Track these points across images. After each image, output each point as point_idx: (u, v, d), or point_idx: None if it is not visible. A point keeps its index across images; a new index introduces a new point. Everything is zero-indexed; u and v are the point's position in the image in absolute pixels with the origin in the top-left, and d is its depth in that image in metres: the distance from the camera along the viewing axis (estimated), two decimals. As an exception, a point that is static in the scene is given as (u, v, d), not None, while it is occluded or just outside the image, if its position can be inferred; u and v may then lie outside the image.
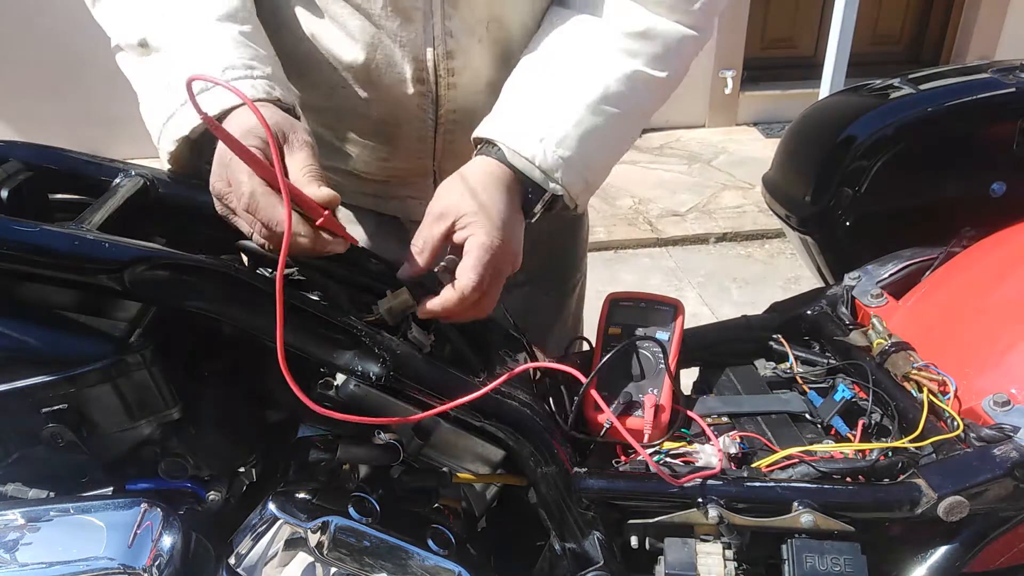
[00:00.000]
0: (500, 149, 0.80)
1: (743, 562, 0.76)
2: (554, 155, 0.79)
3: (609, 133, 0.84)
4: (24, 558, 0.61)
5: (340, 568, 0.68)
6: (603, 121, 0.82)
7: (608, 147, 0.86)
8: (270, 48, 0.80)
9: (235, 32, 0.75)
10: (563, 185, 0.81)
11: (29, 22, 3.97)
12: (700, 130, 4.86)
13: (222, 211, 0.70)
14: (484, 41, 0.89)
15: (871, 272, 1.06)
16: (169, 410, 0.66)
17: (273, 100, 0.73)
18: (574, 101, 0.81)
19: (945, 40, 5.00)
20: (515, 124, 0.81)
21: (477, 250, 0.72)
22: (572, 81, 0.83)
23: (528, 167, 0.80)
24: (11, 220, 0.60)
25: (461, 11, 0.86)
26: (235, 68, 0.72)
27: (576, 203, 0.85)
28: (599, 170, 0.87)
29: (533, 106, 0.82)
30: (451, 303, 0.72)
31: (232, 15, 0.76)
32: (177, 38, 0.75)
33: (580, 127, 0.81)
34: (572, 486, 0.75)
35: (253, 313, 0.65)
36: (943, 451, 0.78)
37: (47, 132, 4.01)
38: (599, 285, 3.20)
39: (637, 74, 0.84)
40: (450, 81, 0.90)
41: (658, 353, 0.88)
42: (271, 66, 0.76)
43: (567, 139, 0.80)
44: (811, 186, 1.19)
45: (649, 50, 0.84)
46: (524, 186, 0.81)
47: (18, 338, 0.61)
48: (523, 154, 0.79)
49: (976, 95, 1.13)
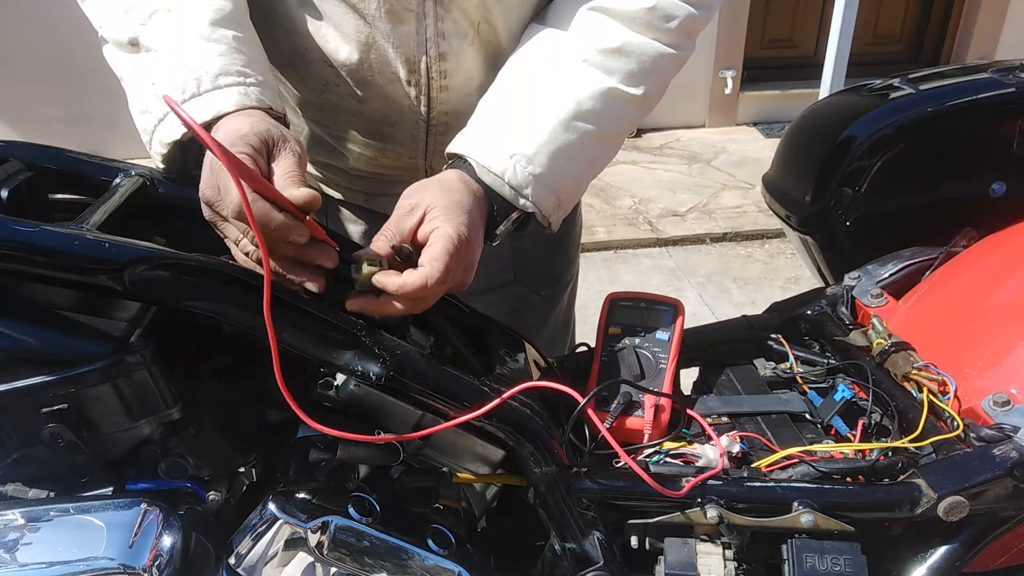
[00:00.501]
0: (471, 165, 0.80)
1: (743, 562, 0.76)
2: (524, 171, 0.79)
3: (582, 150, 0.83)
4: (24, 558, 0.61)
5: (340, 568, 0.68)
6: (576, 138, 0.81)
7: (581, 164, 0.85)
8: (262, 53, 0.79)
9: (229, 37, 0.74)
10: (533, 202, 0.81)
11: (29, 22, 3.97)
12: (700, 130, 4.86)
13: (210, 217, 0.69)
14: (475, 44, 0.89)
15: (871, 272, 1.06)
16: (169, 410, 0.66)
17: (265, 108, 0.72)
18: (546, 118, 0.81)
19: (945, 40, 5.00)
20: (486, 140, 0.81)
21: (444, 240, 0.71)
22: (545, 97, 0.82)
23: (498, 183, 0.79)
24: (11, 220, 0.60)
25: (453, 13, 0.86)
26: (228, 75, 0.72)
27: (549, 221, 0.85)
28: (572, 188, 0.86)
29: (504, 122, 0.81)
30: (411, 287, 0.68)
31: (226, 19, 0.75)
32: (169, 41, 0.73)
33: (552, 144, 0.80)
34: (572, 486, 0.75)
35: (253, 313, 0.65)
36: (943, 451, 0.78)
37: (47, 132, 4.02)
38: (599, 285, 3.22)
39: (612, 91, 0.83)
40: (442, 83, 0.91)
41: (658, 353, 0.88)
42: (263, 73, 0.76)
43: (538, 156, 0.80)
44: (811, 186, 1.19)
45: (624, 67, 0.83)
46: (491, 203, 0.80)
47: (18, 338, 0.61)
48: (493, 170, 0.79)
49: (976, 95, 1.13)
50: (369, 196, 1.07)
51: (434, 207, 0.73)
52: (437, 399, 0.70)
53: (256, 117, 0.69)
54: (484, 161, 0.79)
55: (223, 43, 0.73)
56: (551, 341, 1.26)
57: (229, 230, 0.68)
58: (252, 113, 0.70)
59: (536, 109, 0.82)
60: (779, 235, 3.50)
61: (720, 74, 4.71)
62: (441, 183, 0.78)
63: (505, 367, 0.82)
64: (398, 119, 0.95)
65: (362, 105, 0.94)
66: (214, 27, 0.74)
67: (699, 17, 0.85)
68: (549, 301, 1.25)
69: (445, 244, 0.71)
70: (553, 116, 0.81)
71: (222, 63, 0.72)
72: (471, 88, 0.93)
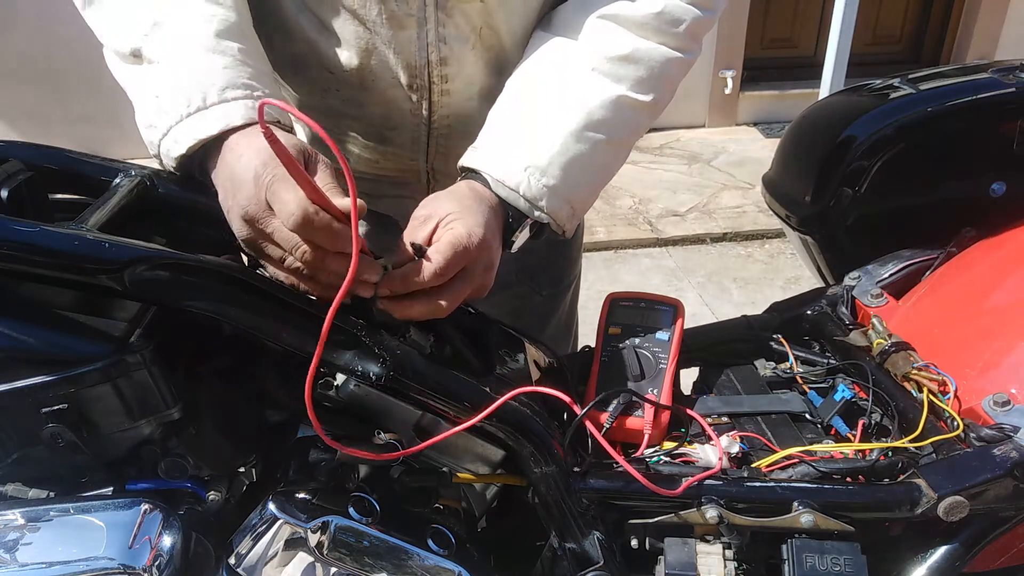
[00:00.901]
0: (485, 179, 0.80)
1: (743, 562, 0.76)
2: (538, 184, 0.79)
3: (594, 159, 0.83)
4: (24, 558, 0.61)
5: (340, 568, 0.68)
6: (588, 148, 0.82)
7: (593, 173, 0.85)
8: (267, 63, 0.78)
9: (234, 49, 0.73)
10: (548, 213, 0.81)
11: (29, 22, 3.97)
12: (700, 130, 4.87)
13: (248, 235, 0.67)
14: (477, 48, 0.89)
15: (871, 272, 1.06)
16: (169, 410, 0.66)
17: (273, 122, 0.72)
18: (557, 129, 0.81)
19: (945, 40, 5.00)
20: (499, 154, 0.81)
21: (452, 237, 0.71)
22: (555, 108, 0.82)
23: (512, 196, 0.80)
24: (11, 220, 0.60)
25: (455, 18, 0.86)
26: (235, 88, 0.70)
27: (563, 229, 0.85)
28: (585, 196, 0.86)
29: (516, 135, 0.81)
30: (408, 276, 0.69)
31: (230, 30, 0.74)
32: (173, 53, 0.72)
33: (564, 155, 0.80)
34: (572, 486, 0.75)
35: (253, 313, 0.65)
36: (943, 451, 0.78)
37: (47, 132, 4.02)
38: (599, 285, 3.22)
39: (622, 99, 0.83)
40: (444, 87, 0.91)
41: (658, 353, 0.88)
42: (269, 85, 0.74)
43: (551, 167, 0.80)
44: (811, 186, 1.19)
45: (633, 74, 0.83)
46: (507, 212, 0.81)
47: (18, 338, 0.61)
48: (507, 184, 0.79)
49: (976, 95, 1.13)
50: (370, 198, 1.07)
51: (449, 214, 0.74)
52: (437, 399, 0.70)
53: (277, 133, 0.68)
54: (498, 175, 0.79)
55: (229, 55, 0.72)
56: (554, 341, 1.27)
57: (272, 249, 0.66)
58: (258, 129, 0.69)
59: (547, 120, 0.81)
60: (779, 235, 3.50)
61: (720, 74, 4.71)
62: (455, 194, 0.78)
63: (505, 367, 0.82)
64: (399, 123, 0.95)
65: (363, 109, 0.94)
66: (219, 39, 0.72)
67: (705, 19, 0.85)
68: (551, 301, 1.25)
69: (451, 237, 0.71)
70: (564, 127, 0.81)
71: (228, 76, 0.71)
72: (472, 92, 0.93)
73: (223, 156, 0.69)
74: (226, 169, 0.68)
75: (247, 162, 0.66)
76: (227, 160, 0.68)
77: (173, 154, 0.71)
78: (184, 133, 0.70)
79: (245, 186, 0.65)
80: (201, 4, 0.73)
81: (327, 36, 0.88)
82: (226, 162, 0.68)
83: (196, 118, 0.69)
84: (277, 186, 0.63)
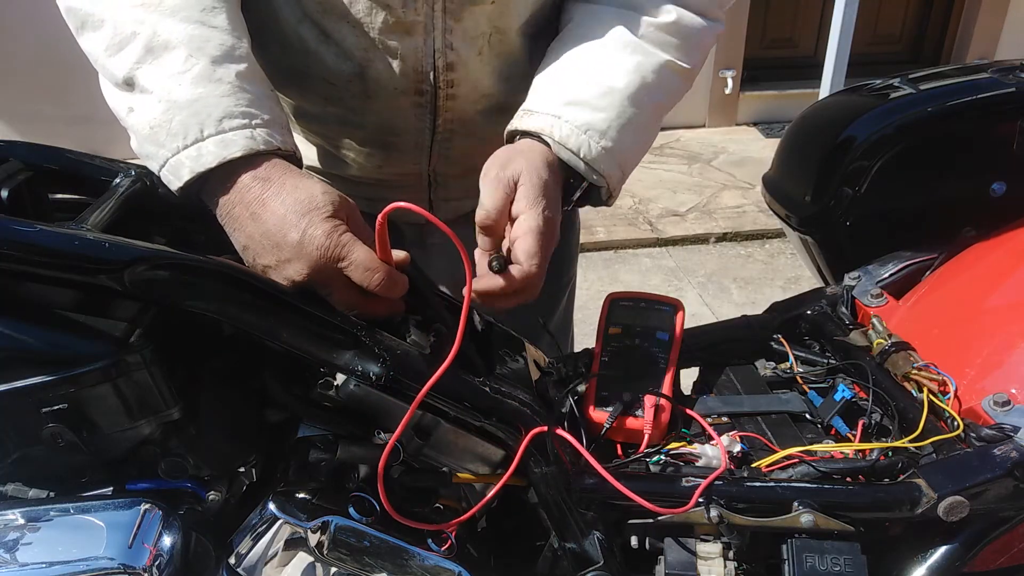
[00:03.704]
0: (547, 141, 0.80)
1: (743, 562, 0.76)
2: (597, 146, 0.80)
3: (644, 123, 0.85)
4: (24, 558, 0.61)
5: (340, 568, 0.68)
6: (639, 112, 0.83)
7: (643, 137, 0.87)
8: (267, 83, 0.75)
9: (231, 75, 0.70)
10: (604, 175, 0.82)
11: (29, 22, 3.96)
12: (700, 130, 4.87)
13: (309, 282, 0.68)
14: (484, 53, 0.89)
15: (871, 272, 1.07)
16: (169, 410, 0.66)
17: (273, 150, 0.70)
18: (615, 92, 0.82)
19: (945, 40, 5.00)
20: (558, 117, 0.81)
21: (534, 234, 0.73)
22: (609, 72, 0.83)
23: (573, 159, 0.80)
24: (11, 220, 0.60)
25: (463, 24, 0.86)
26: (232, 118, 0.68)
27: (612, 193, 0.85)
28: (634, 160, 0.87)
29: (573, 98, 0.82)
30: (515, 283, 0.73)
31: (228, 55, 0.71)
32: (167, 82, 0.69)
33: (621, 118, 0.81)
34: (572, 486, 0.75)
35: (253, 313, 0.65)
36: (943, 451, 0.78)
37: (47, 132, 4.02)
38: (599, 285, 3.22)
39: (669, 64, 0.85)
40: (449, 92, 0.90)
41: (658, 353, 0.88)
42: (270, 109, 0.72)
43: (609, 130, 0.81)
44: (811, 186, 1.19)
45: (677, 41, 0.85)
46: (567, 173, 0.82)
47: (18, 338, 0.61)
48: (568, 146, 0.80)
49: (976, 95, 1.12)
50: (371, 201, 1.06)
51: (524, 184, 0.74)
52: (437, 399, 0.70)
53: (320, 186, 0.69)
54: (560, 137, 0.80)
55: (226, 82, 0.69)
56: (549, 340, 1.26)
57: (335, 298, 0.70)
58: (260, 157, 0.69)
59: (602, 84, 0.82)
60: (779, 235, 3.50)
61: (720, 74, 4.71)
62: (526, 156, 0.77)
63: (505, 367, 0.82)
64: (402, 129, 0.94)
65: (365, 117, 0.93)
66: (215, 65, 0.70)
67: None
68: (548, 300, 1.24)
69: (536, 238, 0.72)
70: (620, 91, 0.82)
71: (225, 105, 0.68)
72: (477, 96, 0.92)
73: (241, 200, 0.68)
74: (253, 225, 0.68)
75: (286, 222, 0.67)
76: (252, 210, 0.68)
77: (172, 186, 0.70)
78: (181, 166, 0.68)
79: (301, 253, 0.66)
80: (195, 29, 0.70)
81: (328, 46, 0.87)
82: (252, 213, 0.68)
83: (192, 151, 0.67)
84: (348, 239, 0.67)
